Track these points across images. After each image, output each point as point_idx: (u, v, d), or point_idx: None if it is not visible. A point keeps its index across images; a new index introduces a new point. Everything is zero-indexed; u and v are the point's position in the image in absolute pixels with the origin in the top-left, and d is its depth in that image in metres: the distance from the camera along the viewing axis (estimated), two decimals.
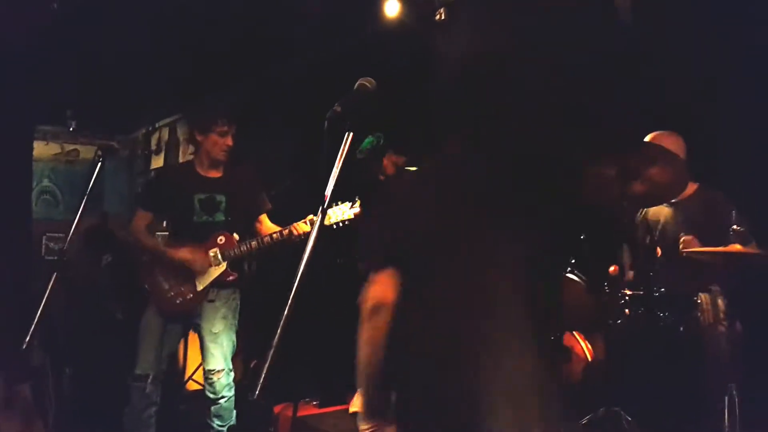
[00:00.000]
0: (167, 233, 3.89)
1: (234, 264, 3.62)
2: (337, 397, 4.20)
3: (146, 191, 3.92)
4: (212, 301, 3.58)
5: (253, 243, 3.56)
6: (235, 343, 3.70)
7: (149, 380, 3.49)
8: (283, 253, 3.56)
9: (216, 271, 3.56)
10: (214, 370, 3.57)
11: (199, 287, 3.54)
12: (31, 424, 3.70)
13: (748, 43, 3.35)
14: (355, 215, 3.44)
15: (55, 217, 7.14)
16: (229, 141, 3.61)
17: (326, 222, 3.38)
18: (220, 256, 3.55)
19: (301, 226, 3.49)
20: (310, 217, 3.51)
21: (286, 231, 3.52)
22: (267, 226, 3.71)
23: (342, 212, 3.46)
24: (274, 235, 3.55)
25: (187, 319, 3.61)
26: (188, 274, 3.54)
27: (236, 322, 3.71)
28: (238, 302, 3.72)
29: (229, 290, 3.65)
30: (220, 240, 3.57)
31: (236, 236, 3.60)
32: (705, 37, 3.44)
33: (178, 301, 3.54)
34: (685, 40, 3.54)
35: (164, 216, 3.82)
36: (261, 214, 3.68)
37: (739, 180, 3.33)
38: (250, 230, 3.71)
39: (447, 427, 1.77)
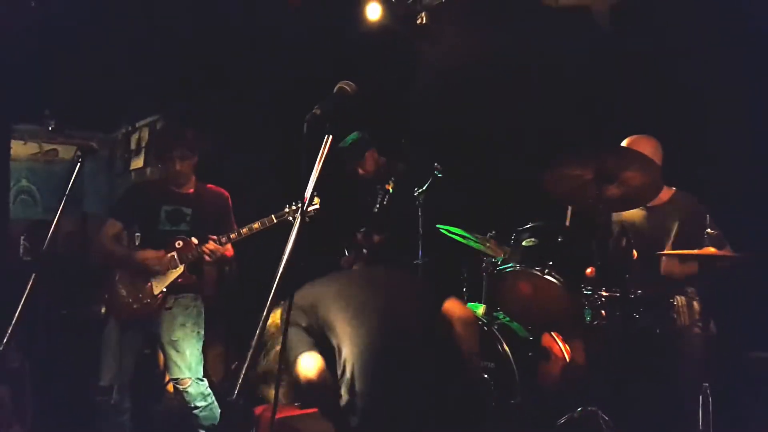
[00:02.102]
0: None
1: (193, 267, 3.64)
2: None
3: (119, 202, 3.98)
4: (169, 308, 3.59)
5: (210, 245, 3.57)
6: (200, 352, 3.68)
7: (114, 391, 3.51)
8: (263, 254, 3.55)
9: (173, 274, 3.58)
10: (178, 379, 3.57)
11: (156, 290, 3.55)
12: (8, 426, 3.66)
13: (726, 48, 3.40)
14: (314, 212, 3.56)
15: (33, 218, 7.04)
16: (177, 167, 3.62)
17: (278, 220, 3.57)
18: (177, 259, 3.58)
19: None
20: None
21: (245, 230, 3.59)
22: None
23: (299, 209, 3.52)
24: (232, 235, 3.60)
25: (146, 328, 3.62)
26: (146, 278, 3.56)
27: (200, 331, 3.69)
28: (201, 310, 3.71)
29: (188, 298, 3.66)
30: (178, 244, 3.60)
31: (195, 240, 3.61)
32: (686, 42, 3.49)
33: (135, 306, 3.54)
34: (665, 44, 3.59)
35: (134, 226, 3.84)
36: (224, 235, 3.64)
37: (715, 184, 3.38)
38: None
39: None
